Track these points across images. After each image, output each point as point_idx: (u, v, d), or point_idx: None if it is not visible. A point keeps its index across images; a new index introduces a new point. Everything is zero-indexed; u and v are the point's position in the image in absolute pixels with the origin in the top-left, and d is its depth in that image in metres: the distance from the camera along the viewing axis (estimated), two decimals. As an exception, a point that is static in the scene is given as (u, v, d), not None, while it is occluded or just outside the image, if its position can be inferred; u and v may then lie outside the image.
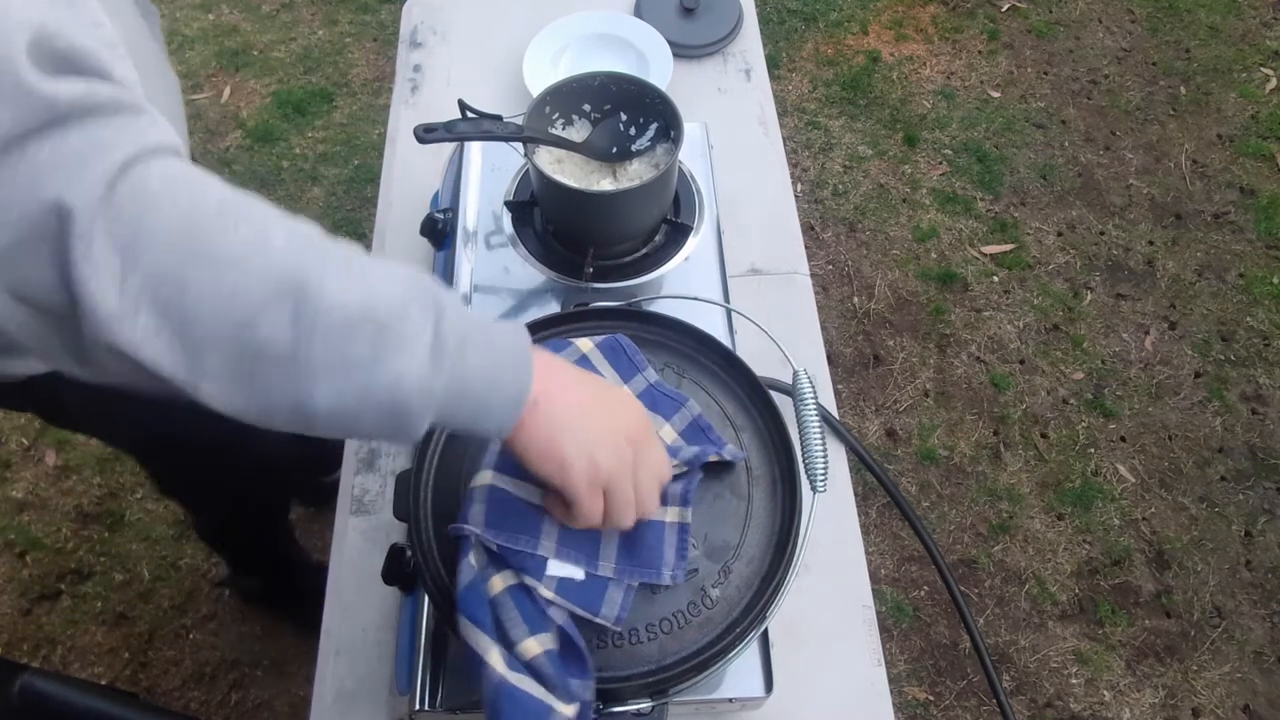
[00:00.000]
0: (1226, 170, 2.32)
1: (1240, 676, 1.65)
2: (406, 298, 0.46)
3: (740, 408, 0.75)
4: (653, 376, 0.71)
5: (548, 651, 0.58)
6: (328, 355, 0.44)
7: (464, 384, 0.48)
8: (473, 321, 0.50)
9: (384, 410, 0.46)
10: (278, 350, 0.43)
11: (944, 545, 1.77)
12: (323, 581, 0.89)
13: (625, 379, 0.70)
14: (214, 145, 2.29)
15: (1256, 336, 2.05)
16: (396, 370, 0.45)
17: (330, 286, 0.44)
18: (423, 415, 0.47)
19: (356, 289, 0.45)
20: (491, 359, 0.50)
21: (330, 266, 0.44)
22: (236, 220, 0.43)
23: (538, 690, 0.56)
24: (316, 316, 0.43)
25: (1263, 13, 2.66)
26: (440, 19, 1.33)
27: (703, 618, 0.65)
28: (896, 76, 2.49)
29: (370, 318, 0.44)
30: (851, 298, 2.09)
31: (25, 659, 1.62)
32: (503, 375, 0.51)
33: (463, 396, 0.49)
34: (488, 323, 0.51)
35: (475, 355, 0.49)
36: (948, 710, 1.61)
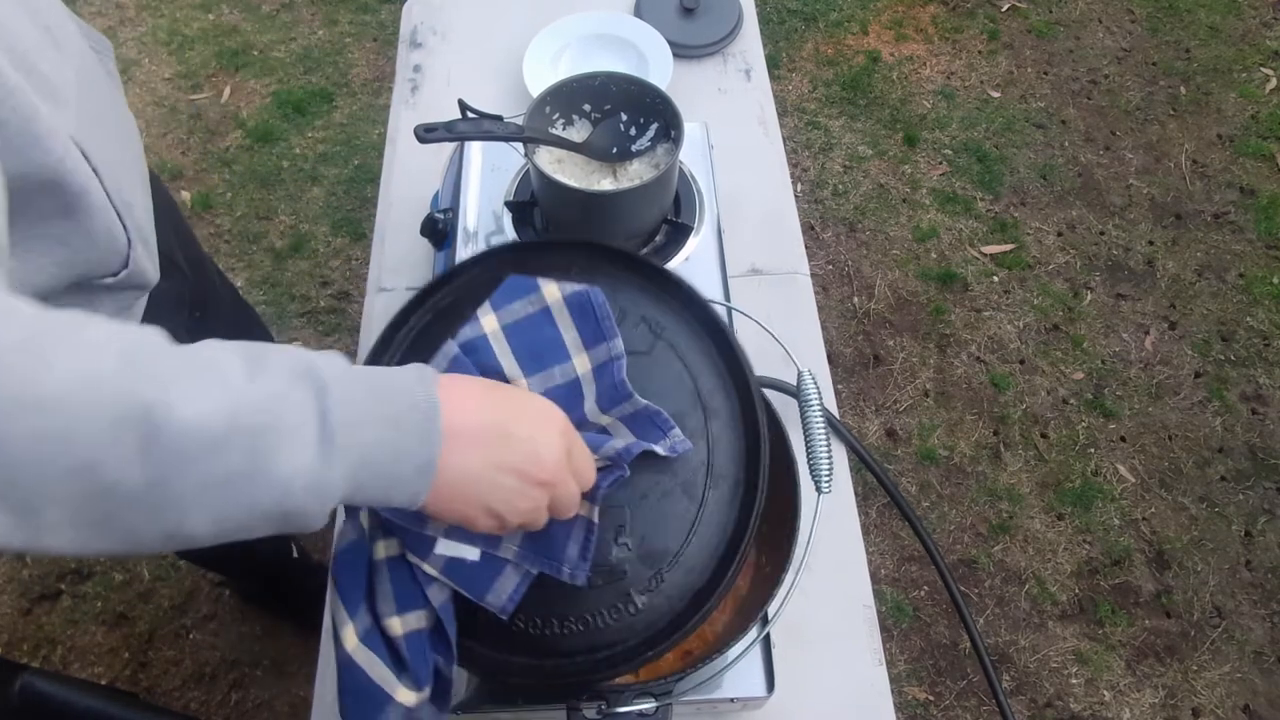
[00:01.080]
0: (1226, 170, 2.32)
1: (1240, 676, 1.65)
2: (280, 389, 0.41)
3: (719, 388, 0.63)
4: (618, 350, 0.59)
5: (414, 632, 0.55)
6: (194, 482, 0.39)
7: (365, 464, 0.44)
8: (365, 386, 0.45)
9: (277, 516, 0.42)
10: (131, 489, 0.38)
11: (944, 545, 1.77)
12: (323, 581, 0.89)
13: (588, 344, 0.60)
14: (214, 145, 2.29)
15: (1256, 336, 2.05)
16: (283, 476, 0.41)
17: (182, 405, 0.38)
18: (322, 510, 0.43)
19: (215, 398, 0.39)
20: (393, 426, 0.45)
21: (180, 381, 0.39)
22: (51, 353, 0.37)
23: (381, 673, 0.54)
24: (171, 443, 0.38)
25: (1263, 13, 2.67)
26: (440, 19, 1.33)
27: (623, 624, 0.58)
28: (896, 76, 2.49)
29: (238, 427, 0.39)
30: (851, 298, 2.09)
31: (25, 659, 1.62)
32: (408, 443, 0.45)
33: (366, 477, 0.44)
34: (383, 380, 0.46)
35: (373, 429, 0.44)
36: (948, 710, 1.61)
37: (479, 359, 0.58)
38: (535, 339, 0.59)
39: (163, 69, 2.43)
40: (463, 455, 0.48)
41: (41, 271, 0.63)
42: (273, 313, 2.00)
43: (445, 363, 0.57)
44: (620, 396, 0.60)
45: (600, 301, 0.59)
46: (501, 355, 0.59)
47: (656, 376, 0.62)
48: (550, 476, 0.51)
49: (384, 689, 0.53)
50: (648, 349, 0.63)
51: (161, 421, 0.38)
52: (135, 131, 0.80)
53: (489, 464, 0.49)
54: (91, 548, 0.40)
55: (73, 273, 0.65)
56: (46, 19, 0.66)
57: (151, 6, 2.57)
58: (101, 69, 0.76)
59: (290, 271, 2.08)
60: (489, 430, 0.49)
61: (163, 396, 0.38)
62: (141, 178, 0.79)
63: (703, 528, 0.60)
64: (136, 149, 0.79)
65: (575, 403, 0.59)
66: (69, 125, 0.62)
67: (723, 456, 0.61)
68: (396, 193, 1.14)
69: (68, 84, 0.65)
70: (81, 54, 0.71)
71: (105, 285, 0.69)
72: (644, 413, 0.60)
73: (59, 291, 0.66)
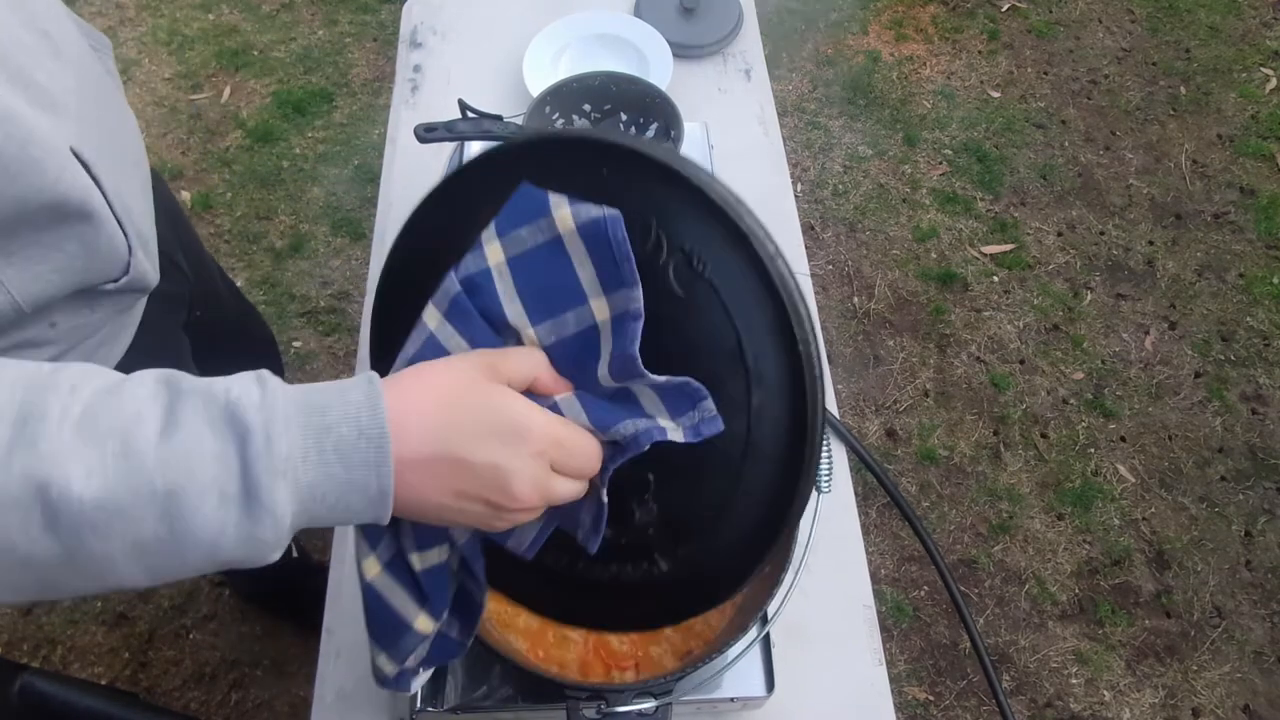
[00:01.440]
0: (1226, 170, 2.32)
1: (1240, 676, 1.65)
2: (193, 445, 0.38)
3: (769, 347, 0.48)
4: (636, 307, 0.48)
5: (433, 566, 0.53)
6: (114, 548, 0.38)
7: (314, 499, 0.41)
8: (301, 420, 0.40)
9: (216, 566, 0.40)
10: (50, 559, 0.37)
11: (944, 545, 1.77)
12: (323, 581, 0.89)
13: (606, 287, 0.48)
14: (214, 145, 2.29)
15: (1256, 336, 2.05)
16: (206, 536, 0.39)
17: (78, 482, 0.36)
18: (266, 554, 0.41)
19: (114, 470, 0.37)
20: (339, 460, 0.41)
21: (76, 454, 0.37)
22: None
23: (401, 600, 0.53)
24: (75, 519, 0.37)
25: (1263, 13, 2.67)
26: (440, 19, 1.33)
27: (647, 581, 0.54)
28: (896, 76, 2.49)
29: (145, 495, 0.37)
30: (851, 298, 2.09)
31: (25, 659, 1.62)
32: (356, 475, 0.41)
33: (319, 510, 0.41)
34: (323, 407, 0.41)
35: (315, 468, 0.40)
36: (948, 710, 1.61)
37: (481, 301, 0.50)
38: (544, 276, 0.49)
39: (163, 69, 2.43)
40: (418, 488, 0.44)
41: (39, 280, 0.63)
42: (273, 313, 2.00)
43: (445, 302, 0.50)
44: (631, 373, 0.49)
45: (620, 237, 0.47)
46: (505, 296, 0.50)
47: (691, 326, 0.49)
48: (523, 504, 0.46)
49: (403, 616, 0.53)
50: (684, 290, 0.48)
51: (58, 500, 0.36)
52: (136, 131, 0.80)
53: (447, 494, 0.45)
54: (39, 598, 0.40)
55: (73, 280, 0.65)
56: (45, 23, 0.66)
57: (151, 6, 2.57)
58: (101, 68, 0.75)
59: (290, 271, 2.08)
60: (440, 461, 0.44)
61: (58, 472, 0.36)
62: (142, 179, 0.78)
63: (736, 507, 0.51)
64: (137, 149, 0.79)
65: (589, 358, 0.50)
66: (68, 135, 0.62)
67: (766, 432, 0.49)
68: (396, 193, 1.14)
69: (67, 91, 0.64)
70: (81, 56, 0.71)
71: (106, 290, 0.69)
72: (666, 385, 0.49)
73: (59, 299, 0.66)
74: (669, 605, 0.55)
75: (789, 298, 0.47)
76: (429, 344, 0.50)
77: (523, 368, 0.48)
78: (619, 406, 0.50)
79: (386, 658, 0.55)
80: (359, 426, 0.41)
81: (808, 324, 0.48)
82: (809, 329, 0.48)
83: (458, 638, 0.58)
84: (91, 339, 0.74)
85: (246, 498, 0.39)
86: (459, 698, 0.75)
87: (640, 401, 0.49)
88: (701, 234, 0.48)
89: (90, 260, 0.66)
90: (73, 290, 0.66)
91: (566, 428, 0.47)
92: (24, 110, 0.58)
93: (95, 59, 0.74)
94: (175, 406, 0.39)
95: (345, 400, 0.42)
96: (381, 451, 0.41)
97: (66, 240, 0.63)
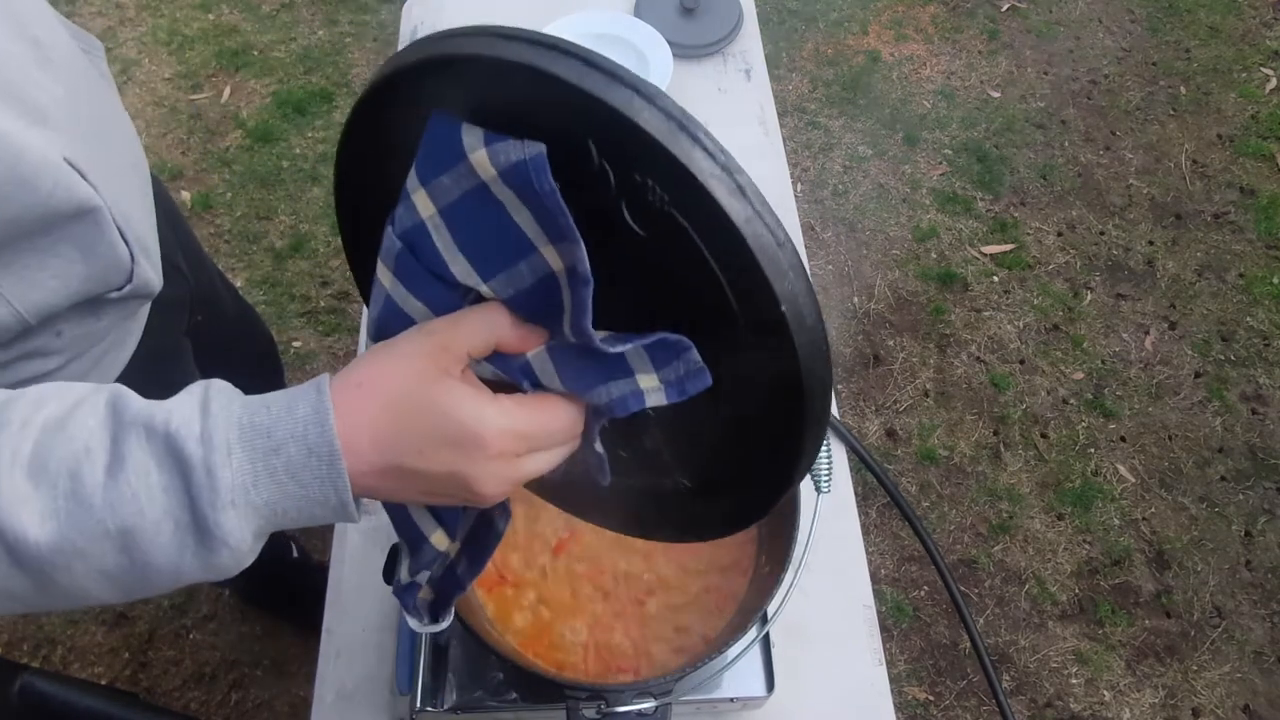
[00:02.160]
0: (1226, 170, 2.32)
1: (1240, 676, 1.65)
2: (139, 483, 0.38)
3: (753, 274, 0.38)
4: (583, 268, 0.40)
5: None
6: (81, 580, 0.39)
7: (274, 516, 0.41)
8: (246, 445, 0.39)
9: (186, 586, 0.41)
10: (24, 591, 0.39)
11: (944, 545, 1.77)
12: (323, 581, 0.89)
13: (551, 237, 0.41)
14: (214, 145, 2.29)
15: (1256, 336, 2.05)
16: (167, 565, 0.39)
17: (33, 528, 0.37)
18: (230, 572, 0.41)
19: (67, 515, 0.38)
20: (291, 478, 0.40)
21: (27, 501, 0.38)
22: None
23: (420, 515, 0.52)
24: (37, 560, 0.38)
25: (1263, 13, 2.67)
26: (440, 19, 1.33)
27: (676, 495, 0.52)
28: (896, 76, 2.49)
29: (100, 535, 0.38)
30: (851, 298, 2.09)
31: (25, 659, 1.62)
32: (312, 491, 0.41)
33: (283, 523, 0.41)
34: (269, 428, 0.40)
35: (267, 489, 0.40)
36: (948, 710, 1.61)
37: (427, 261, 0.45)
38: (482, 227, 0.43)
39: (163, 69, 2.43)
40: (382, 493, 0.44)
41: (40, 288, 0.62)
42: (273, 313, 2.00)
43: (392, 260, 0.46)
44: (590, 345, 0.42)
45: (547, 188, 0.39)
46: (447, 252, 0.44)
47: (661, 267, 0.41)
48: (496, 492, 0.44)
49: (420, 529, 0.52)
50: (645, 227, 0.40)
51: (15, 544, 0.37)
52: (132, 134, 0.79)
53: (413, 494, 0.45)
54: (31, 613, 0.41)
55: (76, 288, 0.65)
56: (34, 30, 0.65)
57: (151, 6, 2.57)
58: (95, 72, 0.75)
59: (290, 271, 2.08)
60: (394, 471, 0.42)
61: (12, 520, 0.37)
62: (141, 183, 0.78)
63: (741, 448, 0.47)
64: (135, 152, 0.78)
65: (555, 304, 0.43)
66: (61, 146, 0.61)
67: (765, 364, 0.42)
68: (396, 193, 1.14)
69: (58, 102, 0.64)
70: (73, 61, 0.70)
71: (110, 298, 0.69)
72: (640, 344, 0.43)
73: (64, 308, 0.66)
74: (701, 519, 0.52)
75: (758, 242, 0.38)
76: (388, 306, 0.47)
77: (480, 334, 0.44)
78: (597, 365, 0.44)
79: (409, 563, 0.55)
80: (307, 445, 0.40)
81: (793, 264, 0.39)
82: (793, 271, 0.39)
83: (462, 575, 0.56)
84: (97, 346, 0.74)
85: (197, 529, 0.39)
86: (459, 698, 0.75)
87: (624, 354, 0.43)
88: (650, 160, 0.38)
89: (92, 268, 0.65)
90: (77, 299, 0.66)
91: (529, 414, 0.43)
92: (12, 127, 0.57)
93: (87, 63, 0.74)
94: (120, 439, 0.39)
95: (292, 418, 0.40)
96: (334, 469, 0.40)
97: (65, 248, 0.63)
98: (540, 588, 0.81)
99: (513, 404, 0.43)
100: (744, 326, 0.41)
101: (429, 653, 0.76)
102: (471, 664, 0.76)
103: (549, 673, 0.71)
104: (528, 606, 0.80)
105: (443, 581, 0.57)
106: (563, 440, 0.45)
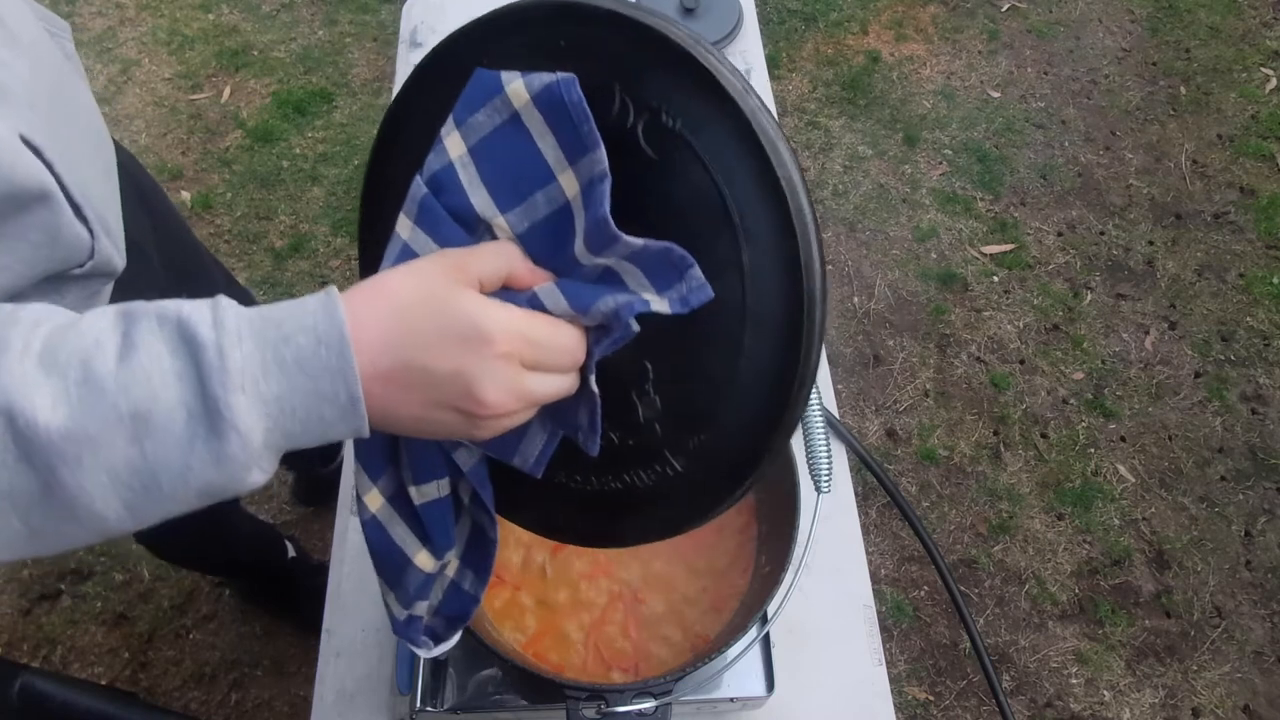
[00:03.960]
0: (1226, 170, 2.32)
1: (1240, 676, 1.65)
2: (151, 365, 0.38)
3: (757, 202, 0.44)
4: (601, 168, 0.44)
5: (432, 501, 0.52)
6: (89, 478, 0.38)
7: (284, 414, 0.40)
8: (256, 334, 0.40)
9: (194, 493, 0.40)
10: (29, 491, 0.38)
11: (944, 545, 1.77)
12: (323, 581, 0.90)
13: (570, 157, 0.46)
14: (214, 145, 2.29)
15: (1256, 336, 2.05)
16: (179, 459, 0.39)
17: (45, 412, 0.37)
18: (240, 476, 0.40)
19: (79, 398, 0.37)
20: (300, 370, 0.40)
21: (41, 384, 0.37)
22: None
23: (402, 534, 0.52)
24: (46, 448, 0.37)
25: (1263, 13, 2.67)
26: (440, 19, 1.33)
27: (663, 486, 0.52)
28: (896, 76, 2.49)
29: (112, 420, 0.37)
30: (851, 298, 2.09)
31: (25, 659, 1.62)
32: (323, 385, 0.40)
33: (292, 426, 0.41)
34: (278, 321, 0.41)
35: (277, 380, 0.40)
36: (948, 710, 1.61)
37: (449, 200, 0.48)
38: (508, 158, 0.47)
39: (163, 69, 2.43)
40: (385, 401, 0.42)
41: (6, 271, 0.62)
42: (273, 313, 2.01)
43: (415, 208, 0.48)
44: (606, 239, 0.45)
45: (575, 98, 0.44)
46: (471, 187, 0.48)
47: (671, 189, 0.46)
48: (497, 410, 0.44)
49: (404, 550, 0.52)
50: (657, 151, 0.45)
51: (26, 429, 0.37)
52: (96, 115, 0.79)
53: (417, 405, 0.43)
54: (29, 552, 0.40)
55: (40, 268, 0.65)
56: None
57: (151, 6, 2.57)
58: (59, 53, 0.74)
59: (290, 271, 2.08)
60: (401, 372, 0.42)
61: (23, 402, 0.37)
62: (104, 164, 0.77)
63: (743, 381, 0.47)
64: (98, 133, 0.78)
65: (566, 241, 0.47)
66: (19, 123, 0.61)
67: (763, 292, 0.45)
68: (396, 193, 1.14)
69: (18, 79, 0.64)
70: (36, 42, 0.70)
71: (73, 275, 0.69)
72: (648, 250, 0.45)
73: (25, 286, 0.65)
74: (691, 503, 0.52)
75: (764, 136, 0.43)
76: (404, 254, 0.48)
77: (494, 263, 0.46)
78: (601, 287, 0.46)
79: (394, 597, 0.54)
80: (317, 335, 0.40)
81: (790, 161, 0.44)
82: (791, 166, 0.44)
83: (470, 590, 0.56)
84: None
85: (208, 414, 0.38)
86: (459, 698, 0.75)
87: (624, 280, 0.46)
88: (665, 85, 0.44)
89: (54, 248, 0.65)
90: (38, 277, 0.65)
91: (536, 321, 0.45)
92: None
93: (52, 44, 0.73)
94: (131, 330, 0.39)
95: (302, 311, 0.41)
96: (344, 358, 0.40)
97: (30, 230, 0.62)
98: (540, 588, 0.81)
99: (521, 311, 0.45)
100: (741, 235, 0.44)
101: (429, 653, 0.76)
102: (471, 664, 0.76)
103: (549, 673, 0.71)
104: (528, 606, 0.80)
105: (450, 603, 0.57)
106: (566, 361, 0.46)
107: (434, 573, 0.53)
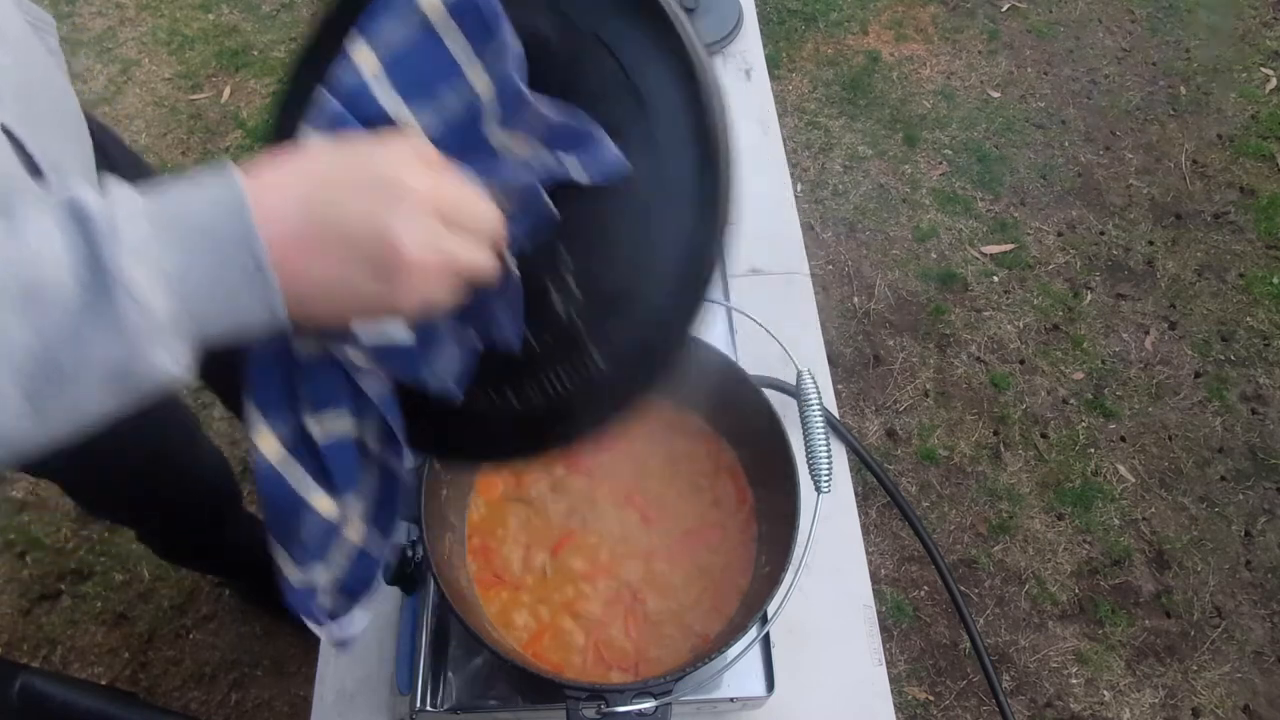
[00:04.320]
0: (1226, 170, 2.32)
1: (1240, 676, 1.65)
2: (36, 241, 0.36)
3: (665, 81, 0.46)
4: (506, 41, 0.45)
5: (336, 438, 0.49)
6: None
7: (186, 286, 0.38)
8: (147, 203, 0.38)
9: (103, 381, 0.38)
10: None
11: (944, 545, 1.77)
12: (323, 581, 0.89)
13: (478, 48, 0.46)
14: (214, 145, 2.29)
15: (1256, 336, 2.05)
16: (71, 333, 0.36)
17: None
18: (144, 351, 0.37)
19: None
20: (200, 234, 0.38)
21: None
22: None
23: (298, 478, 0.48)
24: None
25: (1263, 13, 2.67)
26: (440, 19, 1.33)
27: (586, 386, 0.49)
28: (896, 76, 2.49)
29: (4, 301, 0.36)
30: (851, 298, 2.09)
31: (25, 659, 1.62)
32: (225, 250, 0.38)
33: (199, 303, 0.38)
34: (171, 190, 0.39)
35: (176, 251, 0.38)
36: (948, 710, 1.61)
37: (362, 111, 0.46)
38: (419, 65, 0.46)
39: (163, 69, 2.43)
40: (294, 267, 0.39)
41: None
42: (273, 313, 2.00)
43: (324, 121, 0.46)
44: (520, 107, 0.45)
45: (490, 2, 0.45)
46: (384, 98, 0.47)
47: (577, 76, 0.47)
48: (418, 256, 0.40)
49: (300, 495, 0.48)
50: (559, 38, 0.47)
51: None
52: (76, 108, 0.79)
53: (330, 267, 0.40)
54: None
55: None
56: None
57: (151, 6, 2.57)
58: (42, 48, 0.75)
59: (290, 271, 2.08)
60: (313, 228, 0.39)
61: None
62: (84, 156, 0.77)
63: (659, 258, 0.47)
64: (77, 125, 0.78)
65: (475, 129, 0.47)
66: (1, 114, 0.62)
67: (674, 166, 0.46)
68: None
69: (2, 71, 0.64)
70: (20, 35, 0.70)
71: None
72: (561, 124, 0.45)
73: None
74: (623, 394, 0.49)
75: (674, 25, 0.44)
76: None
77: (404, 147, 0.43)
78: (512, 162, 0.47)
79: (287, 556, 0.50)
80: (211, 197, 0.38)
81: (688, 27, 0.45)
82: (689, 31, 0.45)
83: (375, 554, 0.53)
84: None
85: (101, 280, 0.36)
86: (459, 698, 0.75)
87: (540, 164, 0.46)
88: None
89: None
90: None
91: (454, 182, 0.43)
92: None
93: (36, 38, 0.74)
94: (14, 212, 0.37)
95: (194, 184, 0.39)
96: (243, 220, 0.38)
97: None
98: (540, 588, 0.81)
99: (438, 169, 0.43)
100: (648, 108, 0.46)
101: (429, 653, 0.76)
102: (471, 664, 0.76)
103: (549, 673, 0.71)
104: (527, 606, 0.80)
105: (354, 573, 0.53)
106: (485, 227, 0.44)
107: (334, 520, 0.49)
